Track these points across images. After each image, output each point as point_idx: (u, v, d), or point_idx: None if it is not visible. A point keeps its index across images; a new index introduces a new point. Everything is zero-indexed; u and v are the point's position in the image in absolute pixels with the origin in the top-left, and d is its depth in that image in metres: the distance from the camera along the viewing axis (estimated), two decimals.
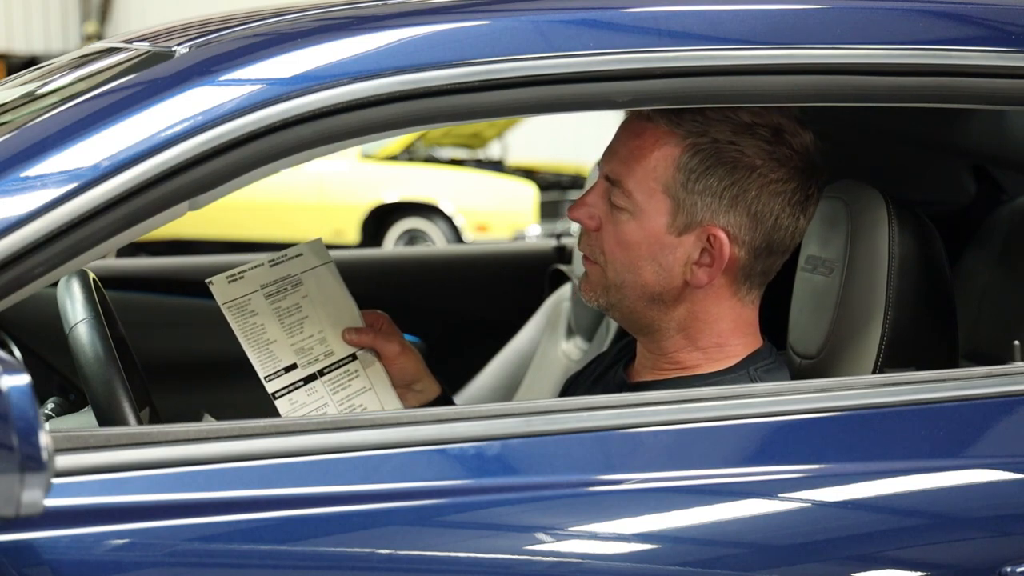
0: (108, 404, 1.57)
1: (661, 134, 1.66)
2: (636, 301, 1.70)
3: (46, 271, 1.34)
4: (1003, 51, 1.59)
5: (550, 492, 1.42)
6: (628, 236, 1.67)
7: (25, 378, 1.18)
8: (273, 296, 1.70)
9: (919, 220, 1.74)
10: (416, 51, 1.45)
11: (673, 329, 1.71)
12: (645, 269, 1.68)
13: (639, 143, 1.67)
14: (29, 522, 1.26)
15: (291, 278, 1.73)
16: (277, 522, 1.35)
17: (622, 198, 1.67)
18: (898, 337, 1.70)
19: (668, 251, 1.67)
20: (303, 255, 1.75)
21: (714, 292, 1.68)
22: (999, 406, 1.55)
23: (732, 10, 1.55)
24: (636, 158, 1.66)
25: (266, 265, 1.71)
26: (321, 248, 1.78)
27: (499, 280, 3.47)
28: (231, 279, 1.68)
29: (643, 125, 1.67)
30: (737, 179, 1.65)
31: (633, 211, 1.66)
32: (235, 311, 1.67)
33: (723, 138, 1.64)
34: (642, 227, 1.67)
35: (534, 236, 9.08)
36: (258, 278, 1.70)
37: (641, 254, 1.67)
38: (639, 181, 1.66)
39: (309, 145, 1.42)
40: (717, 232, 1.65)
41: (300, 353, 1.71)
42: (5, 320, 2.70)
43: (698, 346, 1.71)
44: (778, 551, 1.45)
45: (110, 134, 1.37)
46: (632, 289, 1.69)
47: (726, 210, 1.65)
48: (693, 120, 1.64)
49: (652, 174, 1.66)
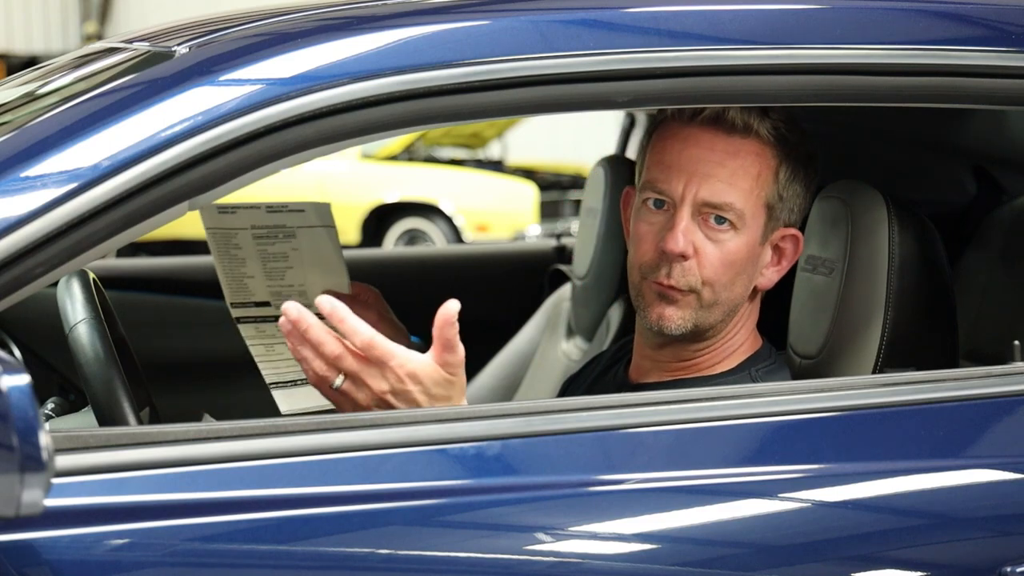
0: (108, 404, 1.57)
1: (759, 149, 1.66)
2: (721, 315, 1.69)
3: (46, 271, 1.34)
4: (1003, 51, 1.59)
5: (550, 492, 1.42)
6: (734, 255, 1.66)
7: (25, 378, 1.17)
8: (262, 239, 1.69)
9: (919, 220, 1.74)
10: (416, 51, 1.45)
11: (717, 332, 1.71)
12: (739, 283, 1.68)
13: (741, 163, 1.65)
14: (29, 522, 1.26)
15: (285, 228, 1.71)
16: (277, 522, 1.35)
17: (732, 217, 1.65)
18: (898, 337, 1.70)
19: (758, 260, 1.68)
20: (305, 212, 1.74)
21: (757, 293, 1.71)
22: (999, 406, 1.55)
23: (732, 10, 1.55)
24: (742, 178, 1.65)
25: (263, 209, 1.70)
26: (326, 212, 1.76)
27: (499, 280, 3.47)
28: (222, 211, 1.66)
29: (736, 143, 1.66)
30: (811, 178, 1.70)
31: (740, 229, 1.65)
32: (218, 239, 1.66)
33: (793, 138, 1.66)
34: (744, 243, 1.66)
35: (534, 236, 9.07)
36: (250, 218, 1.68)
37: (738, 269, 1.67)
38: (747, 200, 1.66)
39: (309, 145, 1.42)
40: (794, 232, 1.69)
41: (276, 296, 1.69)
42: (5, 320, 2.70)
43: (717, 347, 1.72)
44: (778, 551, 1.45)
45: (110, 134, 1.37)
46: (724, 306, 1.68)
47: (801, 209, 1.69)
48: (774, 127, 1.65)
49: (757, 191, 1.66)
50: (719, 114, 1.65)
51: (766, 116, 1.66)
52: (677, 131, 1.68)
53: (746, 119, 1.65)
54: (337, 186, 9.84)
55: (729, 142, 1.65)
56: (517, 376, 3.06)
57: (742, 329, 1.72)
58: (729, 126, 1.65)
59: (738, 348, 1.72)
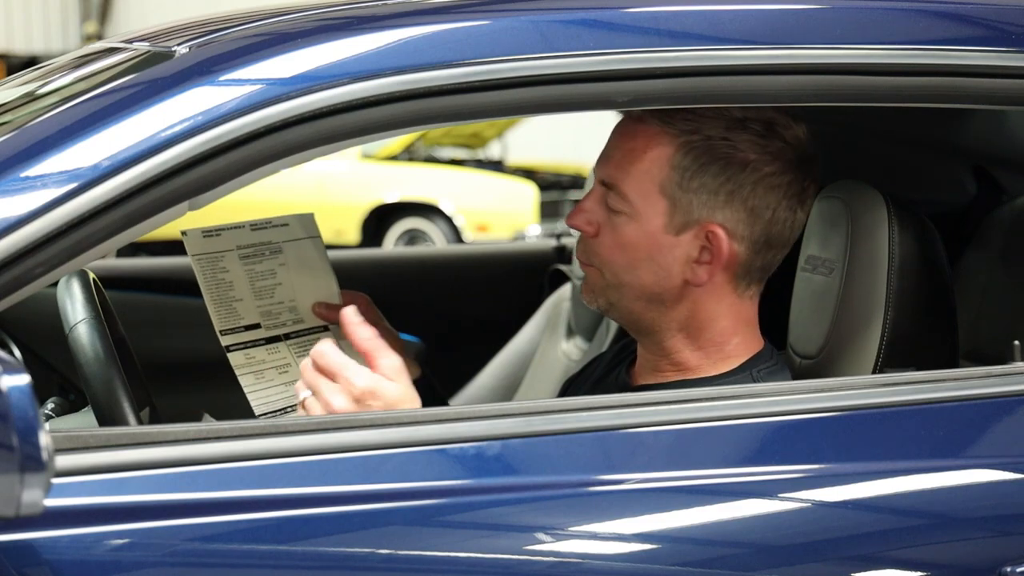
0: (108, 404, 1.57)
1: (653, 134, 1.66)
2: (635, 302, 1.69)
3: (46, 271, 1.34)
4: (1003, 51, 1.59)
5: (550, 492, 1.42)
6: (626, 238, 1.67)
7: (25, 378, 1.17)
8: (248, 258, 1.68)
9: (919, 220, 1.74)
10: (416, 51, 1.45)
11: (674, 329, 1.70)
12: (643, 270, 1.68)
13: (632, 145, 1.67)
14: (29, 522, 1.26)
15: (271, 244, 1.71)
16: (277, 522, 1.35)
17: (619, 201, 1.67)
18: (898, 337, 1.70)
19: (666, 251, 1.67)
20: (289, 225, 1.73)
21: (714, 290, 1.68)
22: (999, 406, 1.55)
23: (732, 10, 1.55)
24: (630, 160, 1.66)
25: (247, 228, 1.70)
26: (310, 223, 1.76)
27: (499, 280, 3.47)
28: (207, 234, 1.66)
29: (635, 127, 1.67)
30: (732, 175, 1.65)
31: (631, 213, 1.66)
32: (204, 264, 1.65)
33: (716, 134, 1.64)
34: (640, 228, 1.66)
35: (534, 236, 9.07)
36: (235, 238, 1.68)
37: (639, 255, 1.67)
38: (635, 183, 1.66)
39: (309, 145, 1.42)
40: (715, 229, 1.65)
41: (266, 316, 1.69)
42: (5, 320, 2.70)
43: (698, 345, 1.71)
44: (778, 551, 1.45)
45: (110, 134, 1.37)
46: (631, 290, 1.69)
47: (723, 206, 1.65)
48: (684, 118, 1.64)
49: (647, 175, 1.66)
50: None
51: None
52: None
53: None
54: (337, 186, 9.85)
55: (628, 125, 1.68)
56: (517, 376, 3.06)
57: (723, 326, 1.70)
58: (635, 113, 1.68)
59: (736, 349, 1.72)
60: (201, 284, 1.65)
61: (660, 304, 1.69)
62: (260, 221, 1.71)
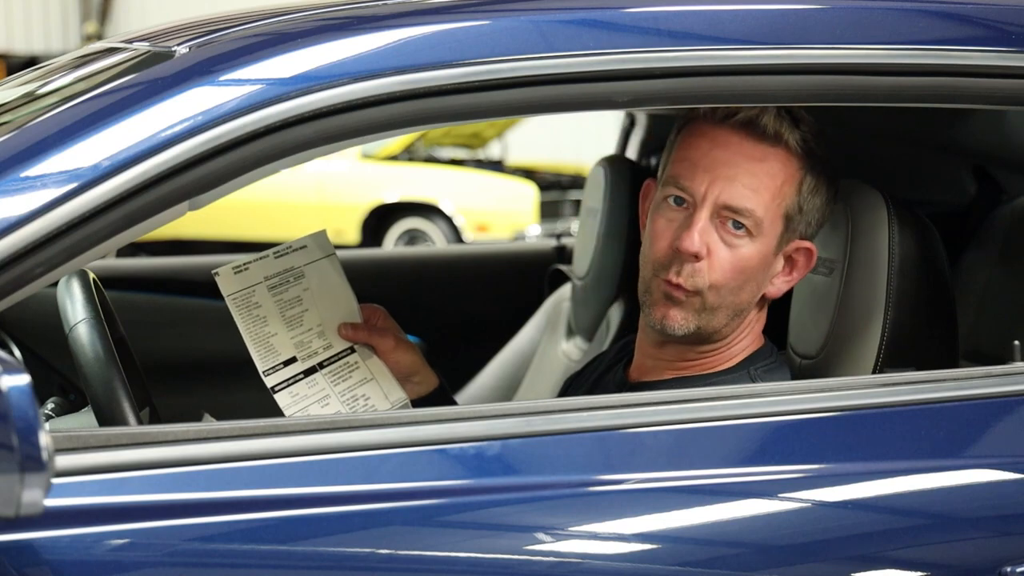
0: (108, 404, 1.57)
1: (785, 159, 1.66)
2: (725, 320, 1.68)
3: (46, 271, 1.34)
4: (1003, 51, 1.59)
5: (550, 492, 1.42)
6: (745, 261, 1.65)
7: (25, 378, 1.18)
8: (276, 288, 1.70)
9: (919, 220, 1.74)
10: (416, 51, 1.45)
11: (722, 335, 1.71)
12: (747, 290, 1.67)
13: (766, 168, 1.65)
14: (29, 522, 1.26)
15: (294, 270, 1.73)
16: (277, 522, 1.35)
17: (750, 223, 1.64)
18: (898, 337, 1.70)
19: (769, 269, 1.68)
20: (307, 247, 1.75)
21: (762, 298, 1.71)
22: (999, 406, 1.55)
23: (732, 10, 1.55)
24: (766, 185, 1.65)
25: (271, 256, 1.71)
26: (324, 240, 1.78)
27: (499, 280, 3.47)
28: (237, 270, 1.68)
29: (764, 150, 1.65)
30: (832, 194, 1.70)
31: (756, 236, 1.65)
32: (239, 303, 1.67)
33: (820, 152, 1.67)
34: (758, 250, 1.66)
35: (534, 236, 9.08)
36: (263, 270, 1.70)
37: (749, 276, 1.66)
38: (767, 208, 1.65)
39: (309, 145, 1.42)
40: (808, 245, 1.69)
41: (299, 347, 1.71)
42: (5, 320, 2.70)
43: (721, 350, 1.72)
44: (778, 551, 1.45)
45: (110, 134, 1.37)
46: (727, 310, 1.67)
47: (819, 223, 1.69)
48: (804, 139, 1.65)
49: (779, 199, 1.66)
50: (752, 119, 1.65)
51: (797, 127, 1.66)
52: (707, 131, 1.68)
53: (777, 127, 1.65)
54: (337, 186, 9.84)
55: (757, 148, 1.65)
56: (517, 376, 3.06)
57: (749, 334, 1.73)
58: (760, 132, 1.65)
59: (741, 350, 1.73)
60: (239, 324, 1.66)
61: (738, 317, 1.69)
62: (281, 247, 1.72)
